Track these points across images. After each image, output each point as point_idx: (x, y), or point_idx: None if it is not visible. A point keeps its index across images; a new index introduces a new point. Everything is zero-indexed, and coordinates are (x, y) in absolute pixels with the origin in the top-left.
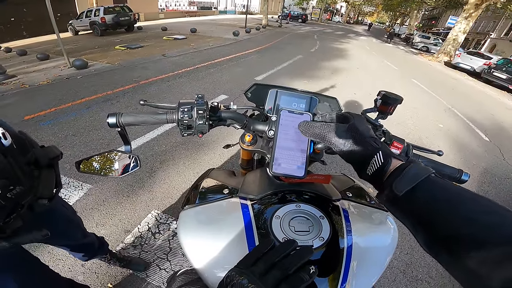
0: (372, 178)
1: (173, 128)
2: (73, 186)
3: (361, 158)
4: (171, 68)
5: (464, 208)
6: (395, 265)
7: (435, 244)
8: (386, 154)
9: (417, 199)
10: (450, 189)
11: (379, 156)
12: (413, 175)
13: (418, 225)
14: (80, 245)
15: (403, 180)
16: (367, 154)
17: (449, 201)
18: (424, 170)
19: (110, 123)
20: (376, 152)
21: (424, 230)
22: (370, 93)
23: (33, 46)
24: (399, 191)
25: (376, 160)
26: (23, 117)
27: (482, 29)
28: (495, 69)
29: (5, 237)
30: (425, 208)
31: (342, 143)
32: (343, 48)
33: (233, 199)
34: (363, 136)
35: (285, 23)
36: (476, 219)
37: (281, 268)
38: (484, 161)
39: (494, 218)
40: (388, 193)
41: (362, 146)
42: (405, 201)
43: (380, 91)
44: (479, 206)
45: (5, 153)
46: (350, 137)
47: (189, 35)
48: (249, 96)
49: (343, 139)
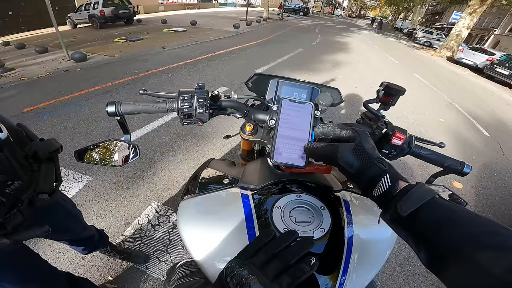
0: (378, 199)
1: (173, 119)
2: (72, 178)
3: (368, 180)
4: (171, 60)
5: (467, 229)
6: (393, 259)
7: (437, 263)
8: (394, 176)
9: (421, 220)
10: (454, 210)
11: (387, 179)
12: (418, 196)
13: (420, 244)
14: (80, 239)
15: (408, 201)
16: (374, 175)
17: (452, 222)
18: (428, 192)
19: (110, 112)
20: (383, 174)
21: (426, 249)
22: (371, 87)
23: (32, 40)
24: (404, 211)
25: (383, 183)
26: (22, 109)
27: (486, 25)
28: (498, 65)
29: (6, 233)
30: (428, 229)
31: (349, 165)
32: (344, 42)
33: (233, 189)
34: (370, 157)
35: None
36: (478, 240)
37: (281, 259)
38: (484, 156)
39: (497, 238)
40: (392, 213)
41: (369, 167)
42: (409, 222)
43: (382, 82)
44: (482, 227)
45: (1, 147)
46: (357, 158)
47: (189, 28)
48: (250, 86)
49: (350, 160)
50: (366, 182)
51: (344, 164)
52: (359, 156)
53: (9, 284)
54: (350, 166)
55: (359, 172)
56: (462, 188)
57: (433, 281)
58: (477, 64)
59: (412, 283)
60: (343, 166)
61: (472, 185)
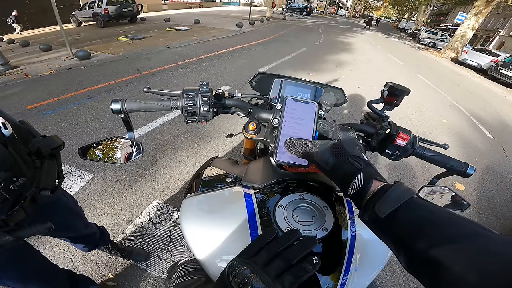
0: (353, 198)
1: (175, 118)
2: (75, 175)
3: (343, 178)
4: (174, 59)
5: (447, 230)
6: (394, 260)
7: (417, 265)
8: (368, 175)
9: (399, 221)
10: (433, 211)
11: (359, 178)
12: (396, 197)
13: (400, 246)
14: (82, 236)
15: (386, 202)
16: (349, 174)
17: (431, 223)
18: (406, 192)
19: (114, 109)
20: (357, 173)
21: (406, 251)
22: (374, 87)
23: (36, 38)
24: (382, 213)
25: (356, 182)
26: (26, 106)
27: (491, 26)
28: (502, 67)
29: (8, 230)
30: (407, 230)
31: (325, 162)
32: (348, 42)
33: (236, 188)
34: (346, 155)
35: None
36: (458, 241)
37: (284, 258)
38: (486, 158)
39: (478, 239)
40: (370, 214)
41: (344, 165)
42: (387, 223)
43: (387, 83)
44: (463, 228)
45: (5, 144)
46: (333, 155)
47: (193, 27)
48: (253, 85)
49: (326, 157)
50: (340, 180)
51: (319, 160)
52: (335, 154)
53: (11, 281)
54: (325, 163)
55: (333, 169)
56: (464, 190)
57: None
58: (481, 65)
59: (412, 284)
60: (318, 163)
61: (474, 187)
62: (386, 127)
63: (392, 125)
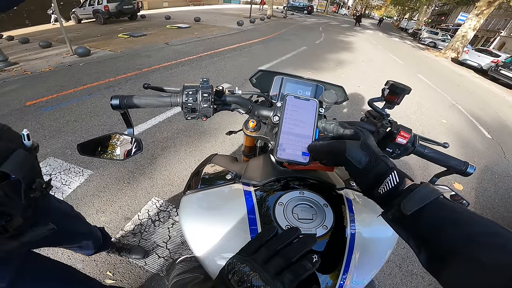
0: (382, 197)
1: (175, 115)
2: (74, 172)
3: (375, 176)
4: (174, 56)
5: (468, 229)
6: (392, 259)
7: (436, 262)
8: (401, 174)
9: (423, 219)
10: (457, 211)
11: (394, 176)
12: (423, 196)
13: (422, 244)
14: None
15: (413, 200)
16: (381, 172)
17: (454, 222)
18: (433, 192)
19: (113, 105)
20: (391, 171)
21: (426, 250)
22: (374, 86)
23: (36, 34)
24: (407, 210)
25: (390, 180)
26: (25, 103)
27: (493, 26)
28: (503, 67)
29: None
30: (430, 228)
31: (358, 161)
32: (348, 41)
33: (235, 185)
34: (377, 155)
35: (290, 14)
36: (478, 240)
37: (284, 256)
38: (485, 158)
39: (498, 239)
40: (394, 212)
41: (377, 163)
42: (411, 221)
43: (388, 81)
44: (483, 227)
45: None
46: (365, 154)
47: (193, 24)
48: (254, 82)
49: (358, 156)
50: (372, 179)
51: (353, 159)
52: (367, 153)
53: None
54: (359, 162)
55: (367, 168)
56: (463, 190)
57: (430, 282)
58: (481, 65)
59: (409, 283)
60: (351, 162)
61: (472, 186)
62: (387, 125)
63: (392, 123)
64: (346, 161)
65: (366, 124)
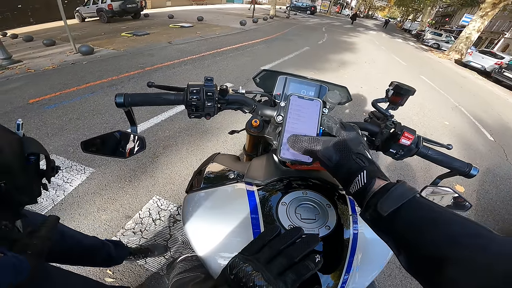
0: (355, 196)
1: (177, 113)
2: (75, 170)
3: (346, 175)
4: (177, 55)
5: (448, 229)
6: (392, 260)
7: (417, 265)
8: (371, 173)
9: (401, 220)
10: (435, 210)
11: (362, 175)
12: (398, 195)
13: (401, 245)
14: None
15: (388, 200)
16: (352, 171)
17: (433, 222)
18: (409, 191)
19: (118, 103)
20: (360, 170)
21: (406, 251)
22: (377, 87)
23: (40, 33)
24: (384, 211)
25: (359, 179)
26: (28, 100)
27: (497, 28)
28: (506, 69)
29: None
30: (409, 229)
31: (328, 159)
32: (351, 42)
33: (238, 184)
34: (350, 153)
35: (292, 14)
36: (460, 241)
37: (286, 256)
38: (487, 161)
39: (480, 240)
40: (372, 213)
41: (348, 163)
42: (389, 221)
43: (392, 82)
44: (465, 228)
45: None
46: (336, 152)
47: (196, 23)
48: (257, 82)
49: (329, 154)
50: (343, 177)
51: (323, 157)
52: (339, 151)
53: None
54: (329, 160)
55: (336, 166)
56: (464, 192)
57: None
58: (485, 67)
59: (409, 285)
60: (321, 160)
61: (474, 189)
62: (391, 126)
63: (396, 124)
64: (319, 158)
65: (370, 125)
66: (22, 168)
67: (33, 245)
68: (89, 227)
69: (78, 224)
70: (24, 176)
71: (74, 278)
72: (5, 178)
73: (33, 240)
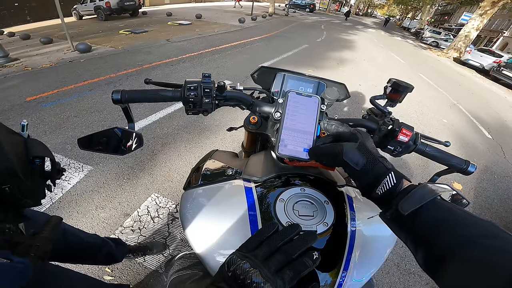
0: (380, 198)
1: (175, 111)
2: (73, 168)
3: (372, 177)
4: (175, 53)
5: (466, 230)
6: (390, 258)
7: (434, 263)
8: (398, 174)
9: (421, 220)
10: (454, 212)
11: (391, 177)
12: (420, 196)
13: (419, 244)
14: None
15: (410, 201)
16: (379, 173)
17: (452, 223)
18: (431, 193)
19: (115, 99)
20: (388, 172)
21: (424, 250)
22: (376, 85)
23: (37, 31)
24: (405, 210)
25: (388, 181)
26: (25, 98)
27: (496, 27)
28: (505, 68)
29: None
30: (428, 229)
31: (355, 163)
32: (350, 40)
33: (236, 181)
34: (375, 156)
35: (291, 11)
36: (476, 242)
37: (284, 252)
38: (485, 158)
39: (496, 241)
40: (392, 213)
41: (374, 165)
42: (409, 221)
43: (390, 79)
44: (482, 230)
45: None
46: (362, 156)
47: (194, 21)
48: (255, 78)
49: (355, 158)
50: (370, 180)
51: (350, 161)
52: (364, 154)
53: None
54: (356, 164)
55: (364, 170)
56: (462, 189)
57: (427, 281)
58: (483, 66)
59: (407, 282)
60: (348, 164)
61: (471, 186)
62: (389, 123)
63: (394, 121)
64: (344, 163)
65: (368, 122)
66: (27, 171)
67: (36, 247)
68: (88, 225)
69: (76, 222)
70: (29, 180)
71: (74, 276)
72: (10, 182)
73: (36, 242)
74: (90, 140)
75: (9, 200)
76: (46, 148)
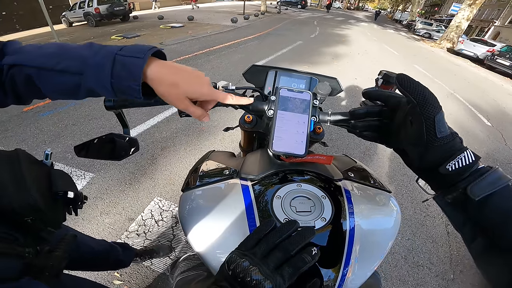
0: (448, 175)
1: (173, 114)
2: (75, 176)
3: (446, 152)
4: (169, 56)
5: None
6: (397, 251)
7: (497, 256)
8: (475, 154)
9: (491, 207)
10: None
11: (469, 154)
12: (493, 180)
13: (481, 233)
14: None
15: (481, 185)
16: (455, 149)
17: None
18: (503, 179)
19: (107, 106)
20: (465, 149)
21: (487, 240)
22: (371, 78)
23: (28, 39)
24: (476, 195)
25: (466, 157)
26: (22, 109)
27: (486, 16)
28: (499, 56)
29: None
30: (497, 218)
31: (439, 129)
32: (343, 34)
33: (233, 180)
34: (452, 130)
35: (283, 9)
36: None
37: (283, 249)
38: (486, 146)
39: None
40: (457, 195)
41: (454, 138)
42: (476, 207)
43: (381, 71)
44: None
45: None
46: (447, 125)
47: (187, 23)
48: (248, 77)
49: (441, 124)
50: (442, 153)
51: (437, 124)
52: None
53: None
54: (440, 131)
55: (443, 139)
56: None
57: (437, 273)
58: (477, 55)
59: (416, 275)
60: (431, 128)
61: None
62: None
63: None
64: (425, 120)
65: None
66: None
67: (51, 267)
68: (94, 231)
69: (82, 229)
70: (51, 211)
71: (84, 284)
72: (32, 215)
73: (50, 261)
74: (86, 147)
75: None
76: (70, 180)
